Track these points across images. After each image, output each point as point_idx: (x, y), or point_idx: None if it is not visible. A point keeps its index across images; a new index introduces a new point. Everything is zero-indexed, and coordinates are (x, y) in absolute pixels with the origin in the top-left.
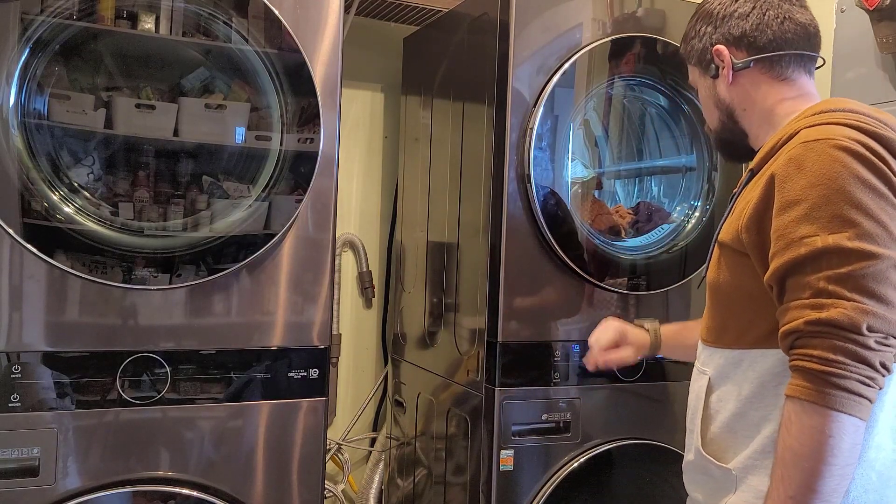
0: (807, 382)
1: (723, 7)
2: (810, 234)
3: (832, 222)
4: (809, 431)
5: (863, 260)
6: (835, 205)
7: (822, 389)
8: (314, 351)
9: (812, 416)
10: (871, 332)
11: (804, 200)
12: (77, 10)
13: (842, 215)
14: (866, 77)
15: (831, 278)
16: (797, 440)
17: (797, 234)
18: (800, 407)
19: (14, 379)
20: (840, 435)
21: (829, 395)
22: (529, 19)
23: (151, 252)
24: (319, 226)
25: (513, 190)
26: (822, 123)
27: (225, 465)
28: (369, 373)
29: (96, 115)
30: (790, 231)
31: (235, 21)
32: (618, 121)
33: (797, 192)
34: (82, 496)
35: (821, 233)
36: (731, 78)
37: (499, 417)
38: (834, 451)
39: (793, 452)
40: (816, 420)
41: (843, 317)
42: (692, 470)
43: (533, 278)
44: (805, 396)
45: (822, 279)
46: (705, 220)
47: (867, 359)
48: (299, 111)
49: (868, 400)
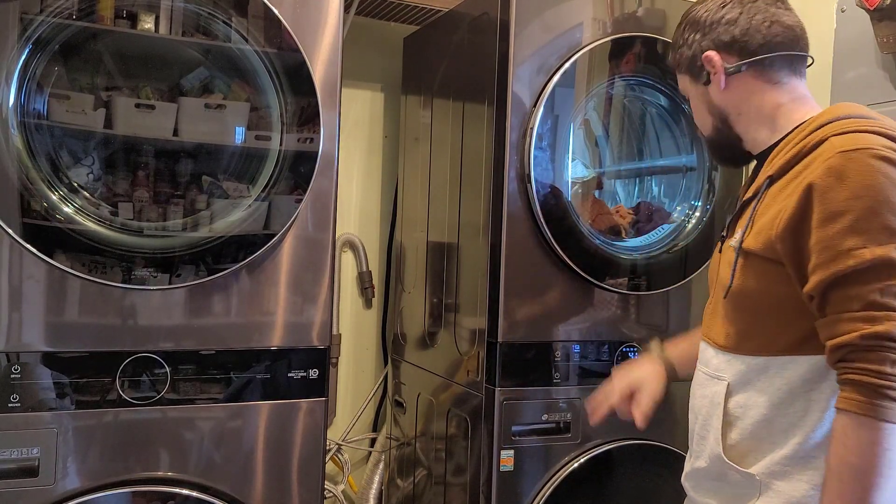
0: (862, 396)
1: (710, 14)
2: (857, 245)
3: (880, 234)
4: (868, 446)
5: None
6: (881, 216)
7: (880, 403)
8: (314, 351)
9: (870, 430)
10: None
11: (848, 211)
12: (77, 10)
13: (889, 226)
14: (866, 77)
15: (883, 291)
16: (855, 455)
17: (844, 245)
18: (856, 421)
19: (14, 379)
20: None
21: (887, 408)
22: (529, 19)
23: (151, 252)
24: (319, 226)
25: (513, 190)
26: (852, 131)
27: (225, 465)
28: (369, 373)
29: (96, 114)
30: (836, 243)
31: (235, 20)
32: (618, 121)
33: (840, 204)
34: (82, 496)
35: (869, 244)
36: (724, 83)
37: (499, 417)
38: (892, 463)
39: (850, 467)
40: (875, 434)
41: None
42: (704, 477)
43: (533, 278)
44: (861, 411)
45: (874, 291)
46: (705, 220)
47: None
48: (299, 111)
49: None
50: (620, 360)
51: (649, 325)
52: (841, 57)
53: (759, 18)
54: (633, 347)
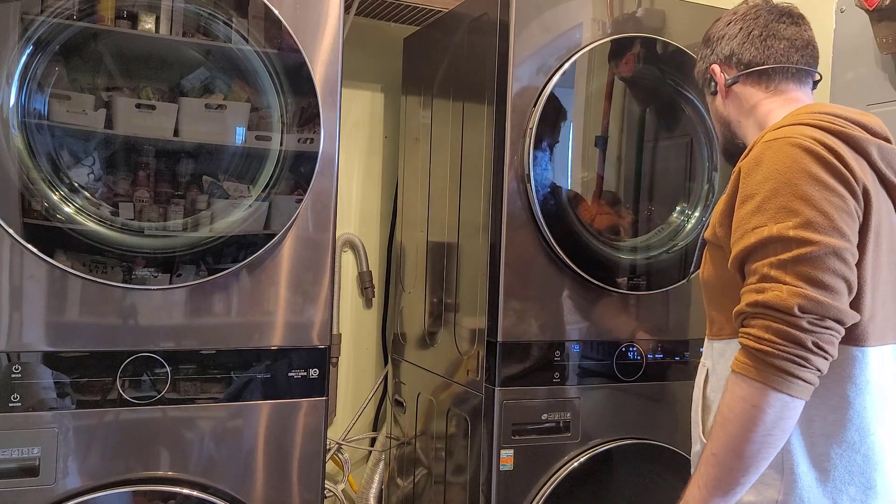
0: (745, 358)
1: (717, 31)
2: (760, 224)
3: (778, 213)
4: (739, 400)
5: (802, 247)
6: (782, 197)
7: (756, 366)
8: (314, 351)
9: (744, 387)
10: (805, 313)
11: (757, 194)
12: (77, 10)
13: (787, 206)
14: (866, 77)
15: (773, 264)
16: (728, 406)
17: (750, 224)
18: (736, 378)
19: (14, 379)
20: (764, 407)
21: (761, 371)
22: (529, 19)
23: (151, 252)
24: (319, 226)
25: (513, 190)
26: (788, 125)
27: (225, 464)
28: (369, 373)
29: (96, 115)
30: (745, 222)
31: (235, 21)
32: (618, 121)
33: (753, 187)
34: (82, 496)
35: (769, 223)
36: (725, 93)
37: (499, 417)
38: (756, 420)
39: (722, 416)
40: (746, 391)
41: (777, 299)
42: (696, 462)
43: (533, 278)
44: (740, 370)
45: (766, 265)
46: (705, 220)
47: (798, 338)
48: (299, 111)
49: (800, 379)
50: (620, 359)
51: (649, 325)
52: (840, 57)
53: (756, 33)
54: (633, 347)
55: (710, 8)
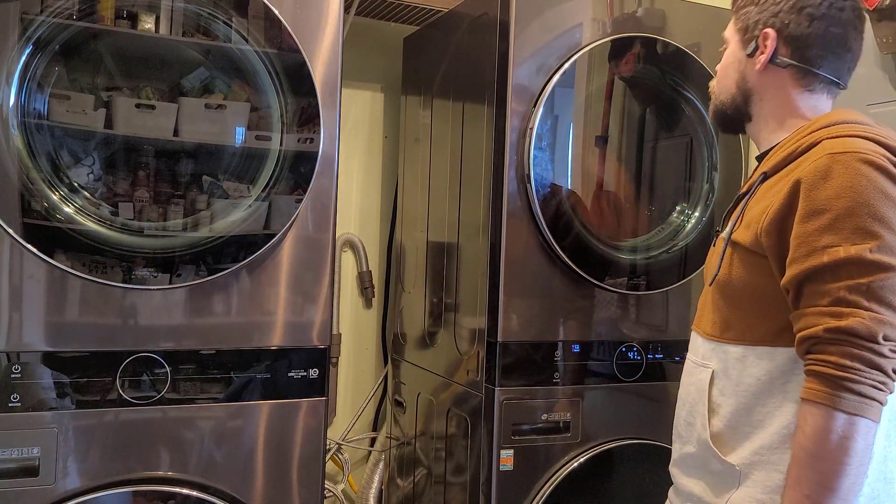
0: (823, 387)
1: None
2: (833, 243)
3: (855, 234)
4: (826, 433)
5: (882, 272)
6: (858, 217)
7: (838, 394)
8: (314, 351)
9: (828, 419)
10: (887, 340)
11: (828, 210)
12: (77, 10)
13: (864, 227)
14: (866, 77)
15: (851, 288)
16: (813, 442)
17: (820, 242)
18: (816, 409)
19: (14, 379)
20: (854, 436)
21: (845, 399)
22: (529, 19)
23: (151, 252)
24: (319, 226)
25: (513, 190)
26: (844, 136)
27: (225, 465)
28: (369, 373)
29: (96, 114)
30: (813, 239)
31: (235, 21)
32: (618, 121)
33: (822, 202)
34: (82, 496)
35: (843, 243)
36: (763, 67)
37: (499, 417)
38: (849, 451)
39: (808, 454)
40: (832, 423)
41: (860, 326)
42: (692, 463)
43: (533, 278)
44: (821, 400)
45: (842, 288)
46: (705, 220)
47: (881, 366)
48: (299, 111)
49: (880, 403)
50: (620, 359)
51: (649, 325)
52: None
53: (834, 33)
54: (633, 347)
55: (710, 8)
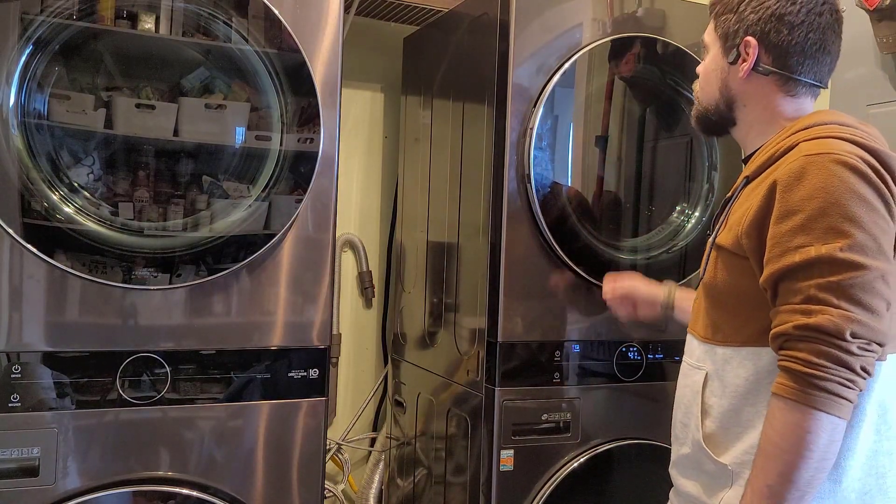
0: (791, 382)
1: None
2: (805, 243)
3: (826, 233)
4: (790, 427)
5: (852, 270)
6: (830, 217)
7: (805, 389)
8: (314, 351)
9: (794, 413)
10: (855, 338)
11: (801, 211)
12: (77, 10)
13: (836, 227)
14: (866, 77)
15: (821, 286)
16: (778, 434)
17: (793, 242)
18: (783, 404)
19: (14, 379)
20: (818, 431)
21: (811, 394)
22: (529, 19)
23: (151, 252)
24: (319, 226)
25: (513, 190)
26: (821, 137)
27: (225, 465)
28: (369, 373)
29: (96, 114)
30: (786, 239)
31: (235, 21)
32: (618, 121)
33: (796, 203)
34: (82, 496)
35: (815, 243)
36: (747, 74)
37: (499, 417)
38: (811, 445)
39: (773, 445)
40: (797, 417)
41: (829, 323)
42: (688, 464)
43: (533, 278)
44: (788, 395)
45: (813, 286)
46: (704, 220)
47: (848, 363)
48: (299, 111)
49: (847, 400)
50: (620, 359)
51: (649, 325)
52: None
53: (813, 39)
54: (633, 347)
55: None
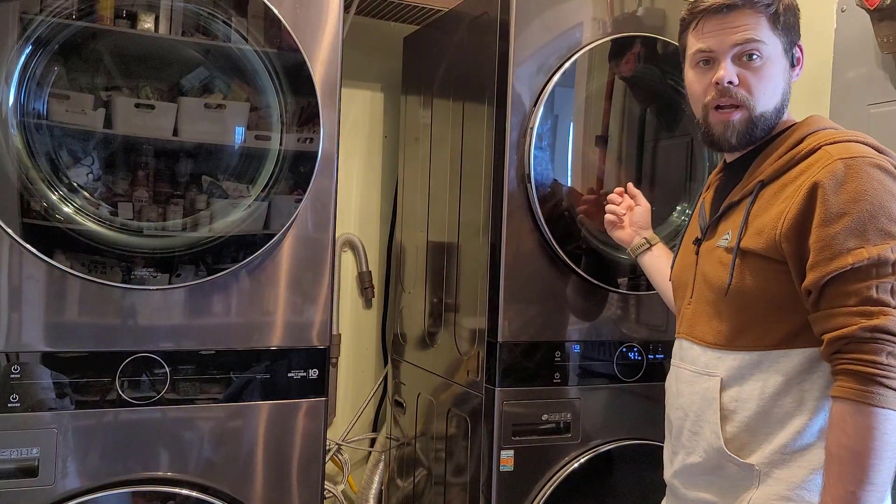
0: (859, 385)
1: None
2: (856, 245)
3: (876, 235)
4: (864, 430)
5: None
6: (877, 219)
7: (874, 391)
8: (314, 351)
9: (865, 415)
10: None
11: (848, 214)
12: (76, 10)
13: (883, 229)
14: (866, 77)
15: (878, 287)
16: (852, 439)
17: (844, 245)
18: (852, 408)
19: (13, 379)
20: (893, 431)
21: (882, 395)
22: (530, 19)
23: (151, 252)
24: (319, 226)
25: (513, 190)
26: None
27: (224, 465)
28: (369, 373)
29: (96, 114)
30: (836, 242)
31: (235, 20)
32: (618, 121)
33: (841, 206)
34: (82, 496)
35: (866, 245)
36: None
37: (499, 418)
38: (887, 445)
39: (848, 450)
40: (870, 419)
41: (892, 323)
42: (698, 472)
43: (533, 278)
44: (858, 398)
45: (869, 288)
46: None
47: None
48: (299, 111)
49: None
50: (620, 360)
51: (649, 325)
52: (841, 57)
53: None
54: (634, 347)
55: None
